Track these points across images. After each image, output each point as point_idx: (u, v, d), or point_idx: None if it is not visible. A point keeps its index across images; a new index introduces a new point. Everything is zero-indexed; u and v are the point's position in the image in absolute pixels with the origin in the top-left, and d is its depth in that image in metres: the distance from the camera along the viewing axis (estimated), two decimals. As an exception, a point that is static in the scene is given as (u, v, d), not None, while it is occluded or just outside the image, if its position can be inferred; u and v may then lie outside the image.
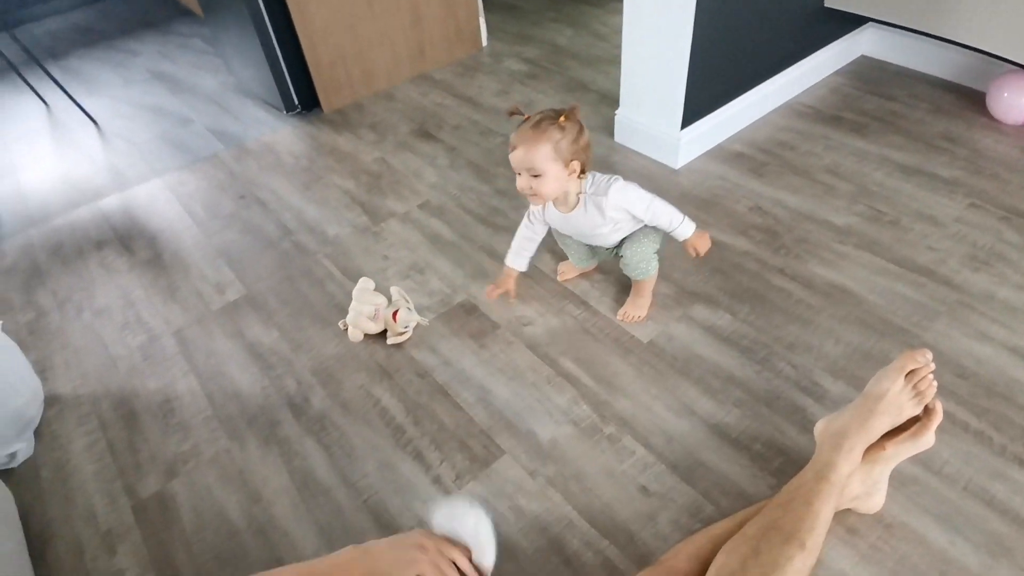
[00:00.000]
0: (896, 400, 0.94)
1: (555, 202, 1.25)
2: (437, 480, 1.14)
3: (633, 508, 1.06)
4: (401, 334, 1.38)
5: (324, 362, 1.38)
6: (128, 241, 1.82)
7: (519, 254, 1.38)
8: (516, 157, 1.14)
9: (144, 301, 1.60)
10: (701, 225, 1.57)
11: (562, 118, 1.12)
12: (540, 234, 1.37)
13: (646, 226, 1.29)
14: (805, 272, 1.43)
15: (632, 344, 1.33)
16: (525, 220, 1.36)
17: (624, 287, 1.45)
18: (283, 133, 2.22)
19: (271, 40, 2.11)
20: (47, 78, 2.50)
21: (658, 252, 1.32)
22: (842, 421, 0.97)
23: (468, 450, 1.18)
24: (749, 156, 1.80)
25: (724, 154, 1.82)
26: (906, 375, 0.94)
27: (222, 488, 1.17)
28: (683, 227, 1.25)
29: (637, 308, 1.39)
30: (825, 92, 2.02)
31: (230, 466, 1.21)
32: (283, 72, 2.19)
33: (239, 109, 2.42)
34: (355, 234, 1.72)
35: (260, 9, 2.03)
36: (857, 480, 0.95)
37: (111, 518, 1.15)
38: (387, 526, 1.08)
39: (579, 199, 1.23)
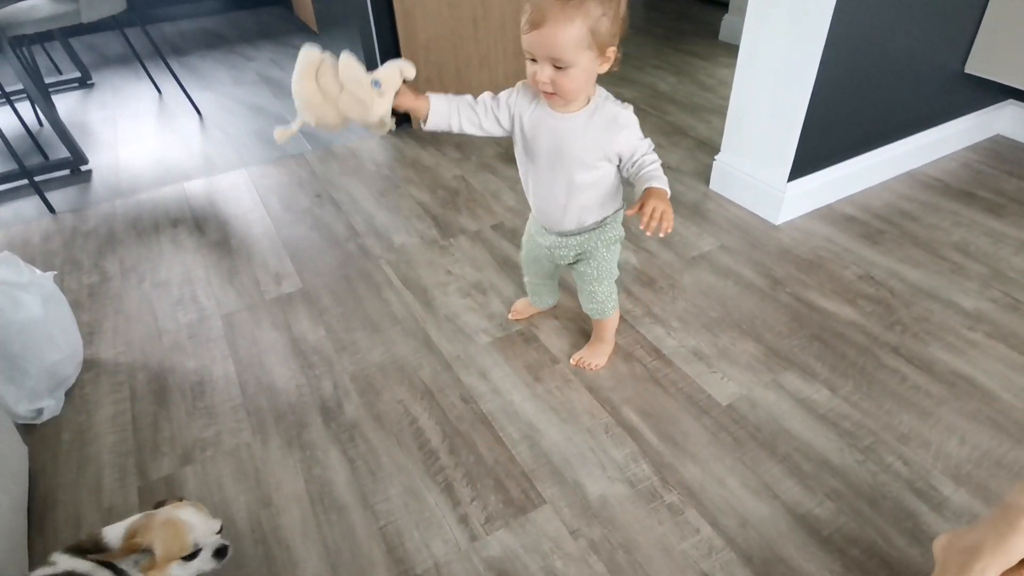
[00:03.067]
0: None
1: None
2: (464, 519, 0.99)
3: (690, 598, 0.88)
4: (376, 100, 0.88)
5: (366, 369, 1.28)
6: (202, 222, 1.82)
7: (449, 106, 0.94)
8: (538, 39, 0.80)
9: (203, 280, 1.57)
10: (800, 286, 1.41)
11: None
12: (487, 130, 0.96)
13: (603, 239, 1.05)
14: (925, 355, 1.22)
15: (708, 404, 1.16)
16: (487, 97, 0.96)
17: (710, 342, 1.28)
18: (369, 142, 2.22)
19: (375, 53, 2.13)
20: (166, 70, 2.64)
21: (617, 279, 1.13)
22: (974, 537, 0.77)
23: (504, 491, 1.03)
24: (863, 221, 1.61)
25: (833, 215, 1.64)
26: None
27: (234, 484, 1.07)
28: (657, 172, 0.90)
29: (596, 355, 1.24)
30: (955, 166, 1.81)
31: (248, 462, 1.11)
32: (380, 83, 2.20)
33: (333, 116, 2.45)
34: (422, 245, 1.65)
35: (370, 23, 2.07)
36: (989, 615, 0.74)
37: (116, 495, 1.07)
38: (400, 561, 0.94)
39: (588, 101, 0.90)
